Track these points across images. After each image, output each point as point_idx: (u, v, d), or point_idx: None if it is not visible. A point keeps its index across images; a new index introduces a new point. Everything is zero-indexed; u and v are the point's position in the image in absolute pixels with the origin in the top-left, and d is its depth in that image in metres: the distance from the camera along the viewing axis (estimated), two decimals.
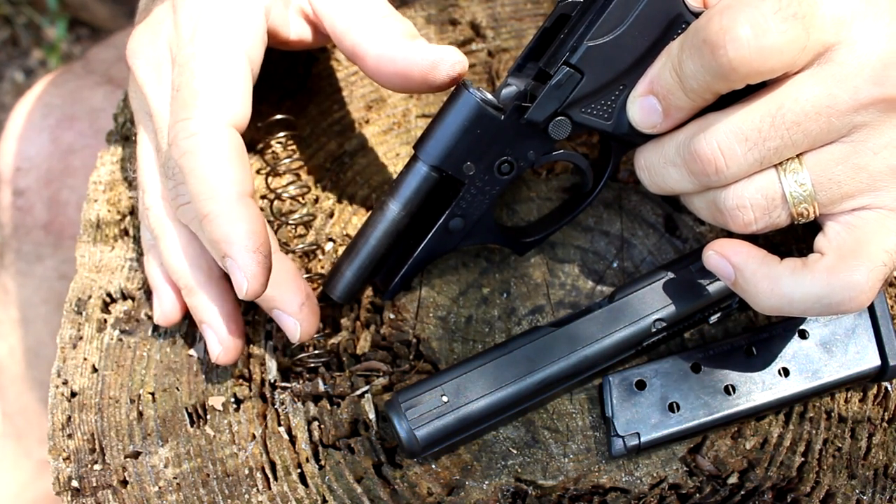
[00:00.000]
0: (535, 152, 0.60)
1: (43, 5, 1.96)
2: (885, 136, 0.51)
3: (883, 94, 0.50)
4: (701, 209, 0.58)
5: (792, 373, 0.61)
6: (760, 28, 0.48)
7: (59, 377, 0.66)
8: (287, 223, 0.67)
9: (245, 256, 0.55)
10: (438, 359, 0.65)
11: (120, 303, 0.68)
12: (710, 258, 0.57)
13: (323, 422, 0.63)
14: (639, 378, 0.61)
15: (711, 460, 0.62)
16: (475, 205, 0.61)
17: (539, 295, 0.67)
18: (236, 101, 0.58)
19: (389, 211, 0.62)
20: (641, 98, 0.56)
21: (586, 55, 0.56)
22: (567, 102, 0.57)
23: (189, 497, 0.62)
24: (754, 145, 0.51)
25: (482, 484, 0.62)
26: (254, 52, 0.60)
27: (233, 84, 0.58)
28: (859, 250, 0.52)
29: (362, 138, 0.72)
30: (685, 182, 0.56)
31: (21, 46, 1.99)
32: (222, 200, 0.55)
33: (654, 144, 0.58)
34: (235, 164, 0.57)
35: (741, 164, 0.52)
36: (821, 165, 0.52)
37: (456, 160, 0.59)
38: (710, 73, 0.50)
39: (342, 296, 0.64)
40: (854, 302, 0.52)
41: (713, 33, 0.49)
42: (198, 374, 0.65)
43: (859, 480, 0.61)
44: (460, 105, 0.58)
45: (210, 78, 0.57)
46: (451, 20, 0.75)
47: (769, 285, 0.54)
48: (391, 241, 0.62)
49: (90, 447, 0.64)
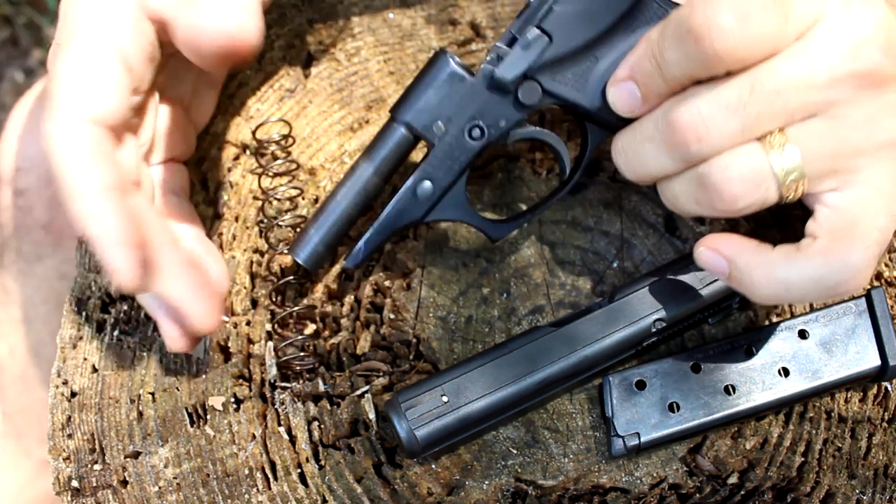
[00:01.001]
0: (506, 121, 0.60)
1: (43, 5, 1.96)
2: (863, 111, 0.51)
3: (857, 70, 0.50)
4: (682, 193, 0.55)
5: (792, 373, 0.61)
6: (743, 17, 0.49)
7: (59, 377, 0.66)
8: (280, 225, 0.67)
9: (110, 251, 0.54)
10: (438, 359, 0.65)
11: (120, 303, 0.68)
12: (701, 254, 0.57)
13: (323, 422, 0.63)
14: (639, 378, 0.61)
15: (711, 460, 0.62)
16: (444, 170, 0.61)
17: (539, 295, 0.67)
18: (95, 98, 0.56)
19: (360, 169, 0.62)
20: (621, 83, 0.56)
21: (554, 18, 0.58)
22: (537, 66, 0.58)
23: (189, 497, 0.62)
24: (735, 111, 0.51)
25: (482, 484, 0.62)
26: (124, 44, 0.58)
27: (90, 82, 0.56)
28: (852, 230, 0.52)
29: (362, 138, 0.72)
30: (663, 159, 0.55)
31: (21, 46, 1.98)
32: (83, 199, 0.55)
33: (630, 126, 0.57)
34: (94, 160, 0.55)
35: (722, 130, 0.52)
36: (805, 138, 0.52)
37: (426, 118, 0.60)
38: (694, 61, 0.51)
39: (308, 259, 0.62)
40: (853, 282, 0.52)
41: (697, 24, 0.49)
42: (198, 374, 0.65)
43: (859, 480, 0.61)
44: (433, 65, 0.60)
45: (67, 78, 0.56)
46: (451, 20, 0.75)
47: (764, 273, 0.54)
48: (361, 203, 0.62)
49: (90, 447, 0.64)
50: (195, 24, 0.58)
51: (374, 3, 0.77)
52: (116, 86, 0.57)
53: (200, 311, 0.59)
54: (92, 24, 0.58)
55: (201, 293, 0.59)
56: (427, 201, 0.61)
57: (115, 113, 0.57)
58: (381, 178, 0.62)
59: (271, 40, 0.76)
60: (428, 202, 0.61)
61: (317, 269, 0.64)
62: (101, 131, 0.57)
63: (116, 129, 0.58)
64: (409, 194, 0.61)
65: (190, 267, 0.60)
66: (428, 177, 0.61)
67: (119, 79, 0.58)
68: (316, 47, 0.75)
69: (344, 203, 0.62)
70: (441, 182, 0.61)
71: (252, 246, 0.69)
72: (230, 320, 0.67)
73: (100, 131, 0.57)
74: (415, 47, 0.75)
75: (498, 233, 0.64)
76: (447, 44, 0.75)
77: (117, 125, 0.58)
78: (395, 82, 0.74)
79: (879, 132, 0.52)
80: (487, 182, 0.69)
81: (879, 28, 0.51)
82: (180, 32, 0.59)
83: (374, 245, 0.62)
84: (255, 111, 0.73)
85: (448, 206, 0.62)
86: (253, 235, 0.69)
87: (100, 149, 0.56)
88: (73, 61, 0.57)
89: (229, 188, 0.71)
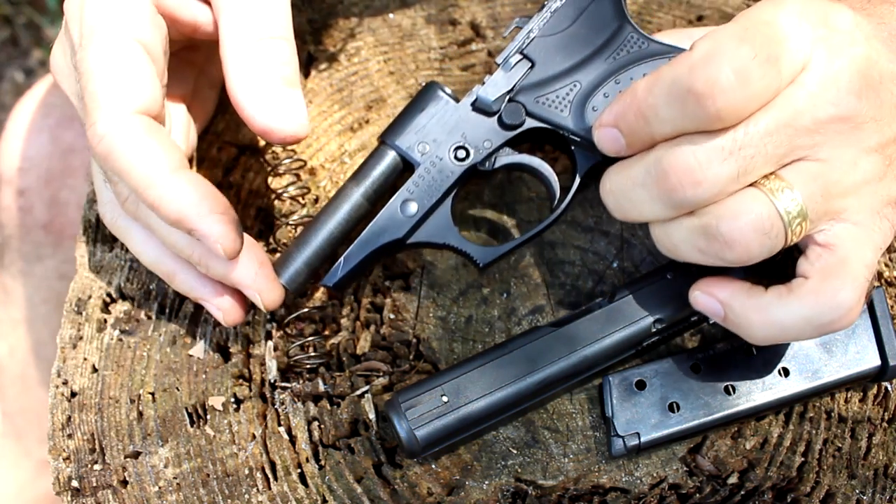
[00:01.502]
0: (490, 141, 0.61)
1: (43, 5, 1.96)
2: (846, 152, 0.52)
3: (839, 114, 0.52)
4: (683, 242, 0.55)
5: (792, 373, 0.61)
6: (744, 77, 0.49)
7: (59, 377, 0.66)
8: (287, 223, 0.67)
9: (206, 222, 0.55)
10: (438, 359, 0.65)
11: (120, 303, 0.68)
12: (696, 298, 0.58)
13: (323, 422, 0.63)
14: (639, 378, 0.61)
15: (711, 460, 0.62)
16: (429, 191, 0.61)
17: (539, 295, 0.67)
18: (136, 89, 0.57)
19: (347, 191, 0.62)
20: (606, 129, 0.56)
21: (536, 45, 0.61)
22: (519, 88, 0.60)
23: (189, 497, 0.62)
24: (730, 155, 0.51)
25: (482, 484, 0.62)
26: (145, 36, 0.58)
27: (127, 74, 0.57)
28: (842, 269, 0.53)
29: (362, 138, 0.72)
30: (657, 205, 0.54)
31: (21, 46, 1.98)
32: (159, 184, 0.55)
33: (620, 167, 0.57)
34: (156, 146, 0.56)
35: (719, 174, 0.51)
36: (798, 181, 0.53)
37: (412, 139, 0.62)
38: (692, 119, 0.51)
39: (290, 281, 0.62)
40: (844, 320, 0.53)
41: (700, 84, 0.49)
42: (198, 374, 0.65)
43: (859, 480, 0.61)
44: (423, 94, 0.63)
45: (102, 76, 0.57)
46: (451, 20, 0.75)
47: (759, 316, 0.54)
48: (346, 225, 0.62)
49: (90, 447, 0.64)
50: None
51: (374, 3, 0.77)
52: (151, 74, 0.58)
53: (266, 281, 0.61)
54: (113, 19, 0.58)
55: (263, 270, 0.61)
56: (410, 220, 0.61)
57: (157, 100, 0.58)
58: (368, 201, 0.63)
59: None
60: (410, 222, 0.61)
61: (299, 291, 0.63)
62: (151, 119, 0.57)
63: (159, 118, 0.59)
64: (391, 212, 0.61)
65: (253, 245, 0.62)
66: (412, 196, 0.61)
67: (149, 67, 0.58)
68: (316, 47, 0.75)
69: (329, 224, 0.62)
70: (425, 203, 0.61)
71: None
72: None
73: (150, 119, 0.57)
74: (415, 47, 0.75)
75: (484, 258, 0.63)
76: (447, 44, 0.75)
77: (159, 113, 0.59)
78: (395, 82, 0.74)
79: (860, 171, 0.53)
80: (487, 182, 0.69)
81: (858, 72, 0.52)
82: None
83: (355, 262, 0.61)
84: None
85: (433, 228, 0.62)
86: (253, 235, 0.69)
87: (158, 135, 0.57)
88: (104, 57, 0.57)
89: (229, 188, 0.71)
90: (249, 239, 0.62)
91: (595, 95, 0.60)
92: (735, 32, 0.50)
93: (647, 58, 0.60)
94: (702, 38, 0.51)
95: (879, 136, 0.53)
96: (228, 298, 0.63)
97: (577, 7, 0.61)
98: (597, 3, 0.61)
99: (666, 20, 0.75)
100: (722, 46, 0.50)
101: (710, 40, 0.50)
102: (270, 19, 0.59)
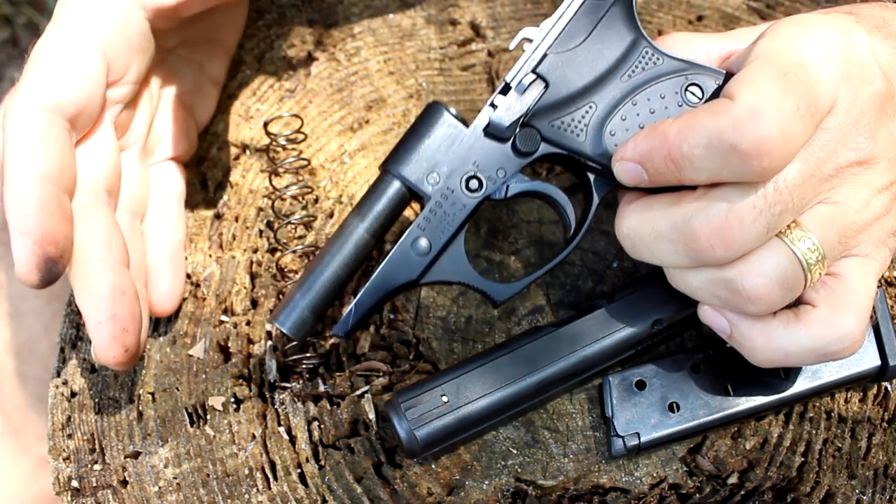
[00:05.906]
0: (505, 171, 0.58)
1: (43, 5, 1.96)
2: (861, 194, 0.53)
3: (858, 158, 0.52)
4: (700, 289, 0.54)
5: (792, 373, 0.61)
6: (789, 133, 0.48)
7: (59, 377, 0.66)
8: (288, 223, 0.67)
9: (15, 239, 0.54)
10: (438, 359, 0.65)
11: None
12: (705, 313, 0.57)
13: (323, 422, 0.63)
14: (639, 378, 0.61)
15: (711, 460, 0.62)
16: (441, 226, 0.58)
17: (539, 295, 0.67)
18: (59, 86, 0.56)
19: (350, 226, 0.59)
20: (628, 163, 0.54)
21: (549, 64, 0.56)
22: (533, 111, 0.57)
23: (189, 497, 0.62)
24: (760, 212, 0.50)
25: (482, 484, 0.62)
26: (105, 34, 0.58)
27: (59, 69, 0.56)
28: (849, 300, 0.54)
29: (362, 138, 0.72)
30: (679, 258, 0.53)
31: (21, 46, 1.98)
32: (13, 182, 0.54)
33: (641, 211, 0.55)
34: (37, 147, 0.55)
35: (749, 234, 0.51)
36: (820, 227, 0.52)
37: (420, 170, 0.58)
38: (733, 174, 0.50)
39: (294, 328, 0.58)
40: (848, 350, 0.54)
41: (747, 143, 0.48)
42: (198, 374, 0.65)
43: (859, 480, 0.61)
44: (427, 116, 0.58)
45: (36, 63, 0.57)
46: (451, 20, 0.76)
47: (765, 340, 0.54)
48: (351, 263, 0.59)
49: (90, 447, 0.64)
50: None
51: (374, 3, 0.77)
52: (84, 77, 0.57)
53: (102, 339, 0.57)
54: (73, 12, 0.58)
55: (110, 323, 0.57)
56: (423, 260, 0.58)
57: (76, 104, 0.57)
58: (372, 236, 0.59)
59: (271, 40, 0.76)
60: (424, 261, 0.58)
61: (304, 337, 0.59)
62: (57, 120, 0.56)
63: (79, 122, 0.57)
64: (402, 253, 0.57)
65: (113, 292, 0.57)
66: (423, 233, 0.57)
67: (90, 70, 0.57)
68: (316, 47, 0.75)
69: (333, 265, 0.58)
70: (437, 239, 0.57)
71: (252, 246, 0.69)
72: (230, 320, 0.67)
73: (55, 120, 0.56)
74: (415, 47, 0.75)
75: (501, 296, 0.60)
76: (447, 44, 0.75)
77: (79, 117, 0.57)
78: (395, 82, 0.74)
79: (871, 210, 0.53)
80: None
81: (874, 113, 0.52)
82: None
83: (366, 309, 0.58)
84: (255, 111, 0.73)
85: (447, 265, 0.58)
86: (253, 235, 0.69)
87: (49, 137, 0.55)
88: (47, 48, 0.57)
89: (229, 188, 0.71)
90: (115, 284, 0.57)
91: (612, 118, 0.57)
92: (777, 83, 0.49)
93: (662, 76, 0.57)
94: (740, 83, 0.50)
95: (890, 174, 0.53)
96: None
97: (590, 19, 0.57)
98: (610, 15, 0.57)
99: (666, 20, 0.75)
100: (766, 101, 0.48)
101: (751, 91, 0.49)
102: None
